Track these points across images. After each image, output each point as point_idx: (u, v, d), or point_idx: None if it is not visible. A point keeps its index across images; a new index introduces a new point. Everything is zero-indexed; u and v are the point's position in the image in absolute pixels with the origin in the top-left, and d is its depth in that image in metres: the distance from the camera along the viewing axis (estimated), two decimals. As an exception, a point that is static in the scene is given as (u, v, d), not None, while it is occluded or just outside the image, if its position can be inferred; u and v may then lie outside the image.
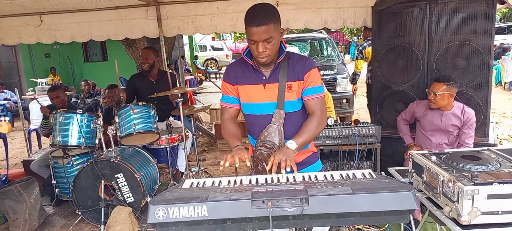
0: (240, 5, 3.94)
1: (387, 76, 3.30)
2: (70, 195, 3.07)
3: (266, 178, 1.44)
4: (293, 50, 7.25)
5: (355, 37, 19.83)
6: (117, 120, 3.07)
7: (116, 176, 2.98)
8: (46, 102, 3.86)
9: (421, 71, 3.12)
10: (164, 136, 3.32)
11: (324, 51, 6.83)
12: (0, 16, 4.23)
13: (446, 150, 2.04)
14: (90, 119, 3.05)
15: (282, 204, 1.12)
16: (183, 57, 14.23)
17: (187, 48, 17.44)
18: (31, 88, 8.89)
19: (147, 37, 4.45)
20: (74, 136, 2.99)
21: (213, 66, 17.70)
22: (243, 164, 1.54)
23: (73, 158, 3.25)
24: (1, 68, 10.09)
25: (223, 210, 1.13)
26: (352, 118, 5.24)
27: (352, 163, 2.98)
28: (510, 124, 5.90)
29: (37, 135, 5.34)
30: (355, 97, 5.68)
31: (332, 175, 1.39)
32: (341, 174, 1.39)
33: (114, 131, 3.07)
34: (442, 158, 1.80)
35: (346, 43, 22.71)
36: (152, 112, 3.16)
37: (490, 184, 1.46)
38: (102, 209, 2.88)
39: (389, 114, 3.34)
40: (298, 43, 7.47)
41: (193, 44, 16.81)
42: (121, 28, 4.23)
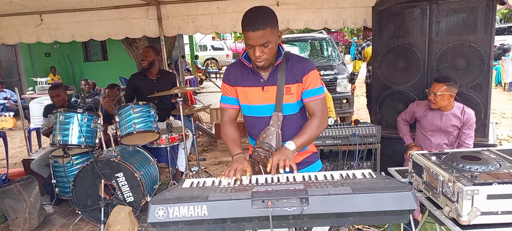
0: (240, 5, 3.93)
1: (387, 76, 3.30)
2: (70, 194, 3.07)
3: (266, 178, 1.45)
4: (294, 50, 7.25)
5: (355, 38, 19.81)
6: (117, 119, 3.08)
7: (116, 175, 2.98)
8: (47, 102, 3.87)
9: (421, 72, 3.12)
10: (164, 136, 3.32)
11: (325, 52, 6.83)
12: (0, 15, 4.23)
13: (446, 150, 2.04)
14: (90, 118, 3.05)
15: (282, 204, 1.13)
16: (183, 57, 14.24)
17: (187, 48, 17.45)
18: (31, 88, 8.89)
19: (148, 36, 4.45)
20: (74, 135, 2.99)
21: (214, 66, 17.71)
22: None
23: (73, 157, 3.25)
24: (1, 67, 10.09)
25: (223, 210, 1.13)
26: (352, 118, 5.25)
27: (352, 163, 2.98)
28: (510, 124, 5.91)
29: (37, 134, 5.35)
30: (354, 97, 5.68)
31: (332, 175, 1.39)
32: (341, 174, 1.39)
33: (114, 130, 3.08)
34: (442, 158, 1.80)
35: (346, 44, 22.70)
36: (152, 112, 3.16)
37: (490, 184, 1.46)
38: (102, 209, 2.88)
39: (389, 115, 3.34)
40: (299, 43, 7.47)
41: (194, 44, 16.82)
42: (122, 27, 4.23)
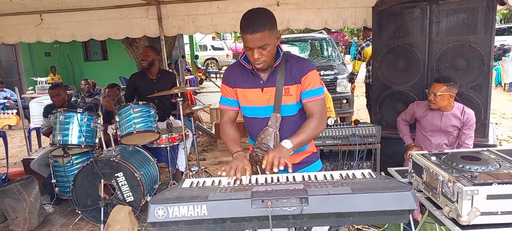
0: (240, 5, 3.93)
1: (387, 76, 3.30)
2: (70, 194, 3.07)
3: (266, 178, 1.45)
4: (294, 50, 7.25)
5: (355, 38, 19.81)
6: (117, 119, 3.08)
7: (116, 175, 2.98)
8: (47, 101, 3.87)
9: (421, 72, 3.12)
10: (164, 135, 3.32)
11: (325, 52, 6.83)
12: (0, 14, 4.23)
13: (446, 151, 2.04)
14: (90, 118, 3.05)
15: (281, 204, 1.13)
16: (183, 56, 14.24)
17: (187, 48, 17.45)
18: (31, 87, 8.89)
19: (148, 36, 4.45)
20: (74, 135, 2.98)
21: (214, 66, 17.71)
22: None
23: (73, 157, 3.25)
24: (1, 66, 10.09)
25: (223, 210, 1.13)
26: (352, 118, 5.25)
27: (352, 163, 2.98)
28: (509, 124, 5.91)
29: (37, 134, 5.35)
30: (354, 97, 5.68)
31: (332, 174, 1.39)
32: (341, 174, 1.39)
33: (114, 130, 3.08)
34: (441, 159, 1.80)
35: (346, 44, 22.70)
36: (152, 112, 3.16)
37: (490, 185, 1.46)
38: (102, 208, 2.88)
39: (389, 115, 3.34)
40: (299, 43, 7.47)
41: (194, 44, 16.83)
42: (122, 27, 4.23)
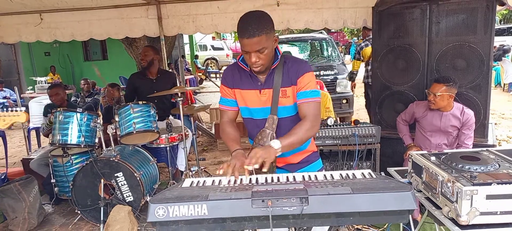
0: (241, 4, 3.93)
1: (387, 76, 3.30)
2: (70, 194, 3.06)
3: (266, 178, 1.45)
4: (294, 50, 7.25)
5: (355, 38, 19.82)
6: (117, 119, 3.07)
7: (115, 175, 2.98)
8: (46, 101, 3.86)
9: (421, 72, 3.12)
10: (164, 135, 3.32)
11: (325, 52, 6.84)
12: (0, 14, 4.23)
13: (445, 151, 2.05)
14: (90, 117, 3.05)
15: (282, 204, 1.13)
16: (183, 56, 14.23)
17: (187, 48, 17.44)
18: (31, 87, 8.88)
19: (148, 36, 4.45)
20: (73, 135, 2.98)
21: (213, 65, 17.70)
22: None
23: (72, 157, 3.24)
24: (1, 66, 10.08)
25: (223, 209, 1.13)
26: (352, 118, 5.25)
27: (351, 163, 2.98)
28: (509, 125, 5.91)
29: (36, 134, 5.34)
30: (354, 97, 5.68)
31: (332, 174, 1.39)
32: (341, 174, 1.40)
33: (114, 129, 3.07)
34: (441, 159, 1.81)
35: (346, 44, 22.70)
36: (152, 111, 3.16)
37: (489, 185, 1.47)
38: (102, 208, 2.88)
39: (388, 115, 3.34)
40: (299, 43, 7.47)
41: (193, 44, 16.82)
42: (122, 27, 4.22)
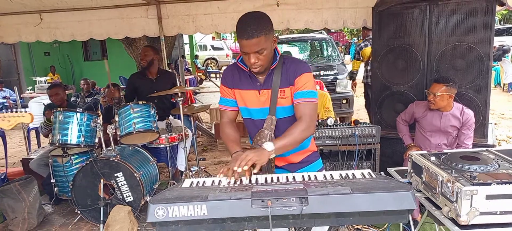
0: (241, 5, 3.93)
1: (387, 77, 3.30)
2: (69, 194, 3.06)
3: (266, 178, 1.45)
4: (293, 50, 7.25)
5: (355, 38, 19.82)
6: (116, 119, 3.07)
7: (115, 175, 2.98)
8: (46, 101, 3.86)
9: (420, 72, 3.12)
10: (164, 135, 3.32)
11: (324, 52, 6.84)
12: (0, 14, 4.22)
13: (445, 151, 2.05)
14: (90, 117, 3.05)
15: (281, 204, 1.13)
16: (183, 56, 14.23)
17: (187, 48, 17.44)
18: (30, 87, 8.87)
19: (148, 36, 4.45)
20: (73, 135, 2.98)
21: (213, 66, 17.70)
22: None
23: (72, 157, 3.24)
24: (1, 66, 10.07)
25: (222, 209, 1.13)
26: (351, 118, 5.25)
27: (351, 163, 2.98)
28: (508, 125, 5.92)
29: (36, 134, 5.34)
30: (354, 94, 5.69)
31: (331, 174, 1.39)
32: (341, 174, 1.40)
33: (114, 129, 3.07)
34: (441, 159, 1.81)
35: (346, 44, 22.71)
36: (152, 112, 3.16)
37: (489, 185, 1.47)
38: (101, 208, 2.88)
39: (388, 115, 3.34)
40: (298, 43, 7.47)
41: (193, 44, 16.81)
42: (122, 27, 4.22)
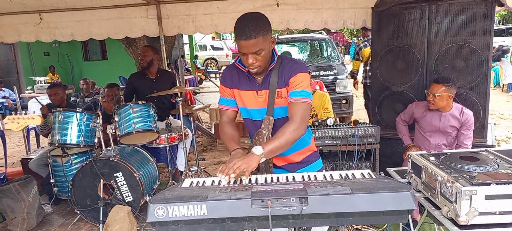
0: (240, 5, 3.93)
1: (387, 77, 3.30)
2: (69, 194, 3.06)
3: (266, 178, 1.45)
4: (293, 50, 7.26)
5: (355, 38, 19.84)
6: (116, 119, 3.07)
7: (115, 175, 2.98)
8: (45, 101, 3.86)
9: (420, 73, 3.13)
10: (164, 135, 3.32)
11: (324, 52, 6.84)
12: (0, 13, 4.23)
13: (445, 151, 2.05)
14: (90, 117, 3.05)
15: (281, 204, 1.13)
16: (183, 56, 14.22)
17: (187, 48, 17.42)
18: (30, 87, 8.86)
19: (147, 36, 4.45)
20: (73, 135, 2.98)
21: (213, 66, 17.69)
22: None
23: (72, 157, 3.24)
24: (0, 66, 10.06)
25: (222, 209, 1.13)
26: (351, 119, 5.26)
27: (351, 163, 2.98)
28: (508, 125, 5.92)
29: (35, 134, 5.32)
30: (355, 94, 5.70)
31: (331, 175, 1.40)
32: (341, 174, 1.40)
33: (113, 129, 3.07)
34: (440, 159, 1.81)
35: (345, 44, 22.73)
36: (152, 111, 3.16)
37: (488, 185, 1.47)
38: (101, 208, 2.88)
39: (388, 115, 3.35)
40: (298, 43, 7.48)
41: (193, 44, 16.80)
42: (121, 27, 4.22)
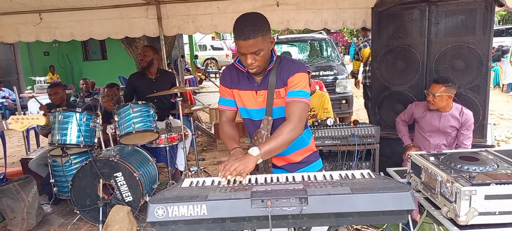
0: (240, 5, 3.93)
1: (386, 77, 3.30)
2: (69, 194, 3.06)
3: (266, 178, 1.45)
4: (293, 50, 7.25)
5: (355, 38, 19.84)
6: (116, 119, 3.07)
7: (115, 175, 2.97)
8: (45, 101, 3.85)
9: (420, 73, 3.13)
10: (164, 135, 3.32)
11: (324, 52, 6.84)
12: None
13: (444, 151, 2.05)
14: (89, 117, 3.05)
15: (281, 204, 1.13)
16: (183, 56, 14.22)
17: (187, 48, 17.42)
18: (30, 87, 8.85)
19: (147, 36, 4.44)
20: (73, 135, 2.97)
21: (213, 66, 17.69)
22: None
23: (71, 157, 3.24)
24: (0, 66, 10.06)
25: (222, 209, 1.13)
26: (351, 119, 5.26)
27: (351, 163, 2.98)
28: (507, 125, 5.93)
29: (35, 134, 5.33)
30: (354, 94, 5.71)
31: (331, 175, 1.40)
32: (340, 174, 1.40)
33: (113, 129, 3.07)
34: (440, 159, 1.81)
35: (345, 44, 22.73)
36: (152, 111, 3.16)
37: (488, 185, 1.47)
38: (101, 208, 2.87)
39: (388, 115, 3.35)
40: (298, 43, 7.47)
41: (193, 44, 16.80)
42: (121, 26, 4.22)
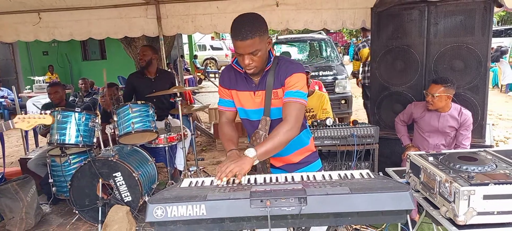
0: (240, 5, 3.94)
1: (386, 77, 3.31)
2: (67, 194, 3.06)
3: (265, 178, 1.45)
4: (293, 50, 7.26)
5: (354, 38, 19.86)
6: (115, 119, 3.07)
7: (114, 175, 2.97)
8: (44, 101, 3.84)
9: (419, 73, 3.13)
10: (163, 135, 3.32)
11: (323, 52, 6.85)
12: (-1, 13, 4.22)
13: (443, 151, 2.05)
14: (88, 117, 3.04)
15: (280, 204, 1.13)
16: (182, 56, 14.22)
17: (186, 48, 17.41)
18: (29, 86, 8.83)
19: (147, 36, 4.44)
20: (72, 135, 2.97)
21: (212, 65, 17.68)
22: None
23: (70, 157, 3.23)
24: (-1, 65, 10.05)
25: (221, 209, 1.13)
26: (350, 119, 5.27)
27: (350, 163, 2.99)
28: (506, 126, 5.94)
29: (34, 133, 5.31)
30: (352, 97, 5.72)
31: (330, 175, 1.40)
32: (339, 174, 1.40)
33: (112, 129, 3.07)
34: (439, 159, 1.81)
35: (345, 44, 22.75)
36: (151, 111, 3.16)
37: (486, 185, 1.47)
38: (100, 208, 2.87)
39: (387, 116, 3.35)
40: (298, 43, 7.48)
41: (193, 44, 16.79)
42: (121, 26, 4.22)
